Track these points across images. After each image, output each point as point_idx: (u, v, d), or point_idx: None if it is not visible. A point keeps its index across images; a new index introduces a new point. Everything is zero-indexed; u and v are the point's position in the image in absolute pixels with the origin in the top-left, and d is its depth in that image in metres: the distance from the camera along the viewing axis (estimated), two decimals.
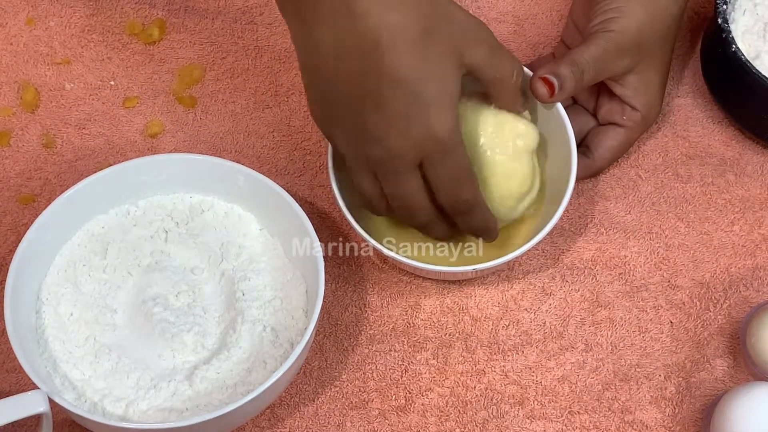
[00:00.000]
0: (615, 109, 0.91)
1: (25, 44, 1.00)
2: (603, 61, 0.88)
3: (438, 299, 0.90)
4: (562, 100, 0.87)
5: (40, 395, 0.78)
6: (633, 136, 0.92)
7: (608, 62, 0.88)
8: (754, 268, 0.91)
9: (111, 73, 0.99)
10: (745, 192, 0.94)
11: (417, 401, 0.86)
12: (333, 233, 0.92)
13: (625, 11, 0.88)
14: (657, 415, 0.86)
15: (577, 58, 0.87)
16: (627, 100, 0.90)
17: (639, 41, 0.88)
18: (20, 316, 0.82)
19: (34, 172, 0.95)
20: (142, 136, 0.96)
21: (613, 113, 0.91)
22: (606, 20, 0.88)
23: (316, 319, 0.81)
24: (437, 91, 0.78)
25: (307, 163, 0.95)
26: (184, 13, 1.01)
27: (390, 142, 0.78)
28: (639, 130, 0.92)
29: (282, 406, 0.86)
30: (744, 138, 0.96)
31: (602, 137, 0.92)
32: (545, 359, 0.88)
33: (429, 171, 0.80)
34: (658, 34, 0.89)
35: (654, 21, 0.88)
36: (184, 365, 0.83)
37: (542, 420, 0.86)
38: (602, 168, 0.92)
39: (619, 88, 0.90)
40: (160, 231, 0.88)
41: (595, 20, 0.88)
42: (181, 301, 0.85)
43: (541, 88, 0.85)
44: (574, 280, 0.90)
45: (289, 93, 0.98)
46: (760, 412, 0.81)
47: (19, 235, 0.86)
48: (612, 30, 0.87)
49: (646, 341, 0.88)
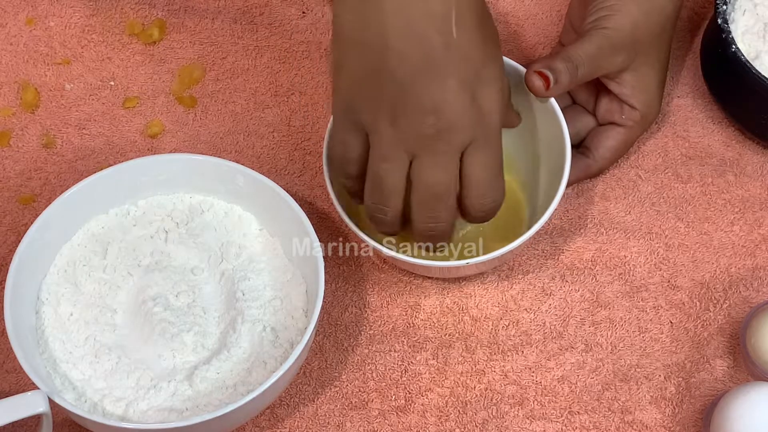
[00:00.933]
0: (614, 108, 0.91)
1: (25, 44, 1.00)
2: (597, 58, 0.88)
3: (438, 299, 0.90)
4: (557, 94, 0.87)
5: (40, 395, 0.78)
6: (633, 135, 0.92)
7: (603, 59, 0.88)
8: (754, 268, 0.91)
9: (111, 74, 0.99)
10: (745, 192, 0.94)
11: (417, 401, 0.86)
12: (333, 233, 0.92)
13: (619, 9, 0.88)
14: (657, 415, 0.86)
15: (572, 54, 0.87)
16: (625, 98, 0.90)
17: (633, 38, 0.88)
18: (20, 316, 0.82)
19: (34, 172, 0.95)
20: (142, 136, 0.96)
21: (612, 113, 0.91)
22: (600, 18, 0.88)
23: (316, 319, 0.81)
24: (495, 75, 0.79)
25: (307, 163, 0.95)
26: (184, 13, 1.01)
27: (450, 114, 0.77)
28: (639, 130, 0.92)
29: (282, 406, 0.86)
30: (744, 138, 0.96)
31: (602, 137, 0.92)
32: (545, 359, 0.88)
33: (472, 157, 0.79)
34: (653, 31, 0.89)
35: (649, 19, 0.88)
36: (184, 365, 0.83)
37: (542, 420, 0.86)
38: (603, 168, 0.92)
39: (616, 86, 0.90)
40: (160, 231, 0.88)
41: (590, 18, 0.89)
42: (181, 301, 0.85)
43: (536, 81, 0.86)
44: (574, 280, 0.91)
45: (289, 93, 0.98)
46: (760, 412, 0.81)
47: (19, 235, 0.86)
48: (606, 27, 0.88)
49: (646, 341, 0.88)
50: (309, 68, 0.99)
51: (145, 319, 0.84)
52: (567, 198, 0.94)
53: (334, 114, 0.81)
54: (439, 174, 0.79)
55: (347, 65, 0.78)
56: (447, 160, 0.79)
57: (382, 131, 0.78)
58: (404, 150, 0.79)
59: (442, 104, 0.77)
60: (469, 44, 0.77)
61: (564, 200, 0.93)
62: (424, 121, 0.77)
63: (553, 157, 0.88)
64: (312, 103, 0.98)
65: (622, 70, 0.89)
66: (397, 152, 0.79)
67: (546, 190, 0.88)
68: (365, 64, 0.77)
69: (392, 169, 0.79)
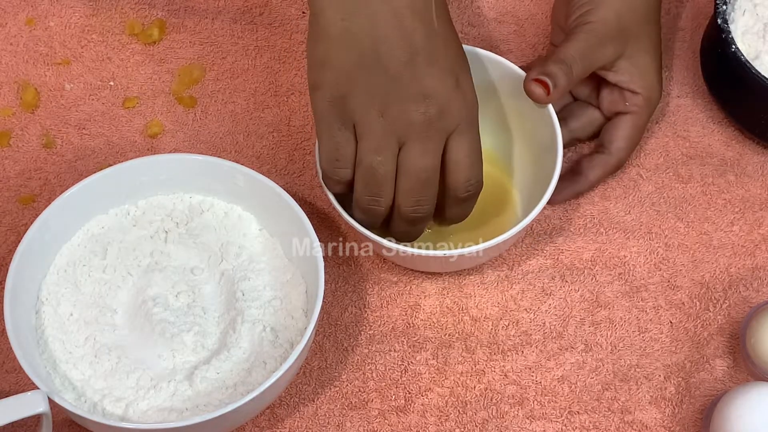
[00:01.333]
0: (616, 97, 0.92)
1: (25, 44, 1.00)
2: (588, 53, 0.89)
3: (438, 299, 0.90)
4: (558, 98, 0.88)
5: (40, 395, 0.78)
6: (641, 120, 0.92)
7: (593, 53, 0.89)
8: (754, 268, 0.91)
9: (111, 74, 0.99)
10: (745, 192, 0.94)
11: (417, 401, 0.86)
12: (333, 233, 0.92)
13: (600, 1, 0.89)
14: (657, 415, 0.86)
15: (563, 55, 0.88)
16: (625, 85, 0.91)
17: (620, 27, 0.89)
18: (20, 316, 0.82)
19: (34, 172, 0.95)
20: (142, 136, 0.96)
21: (615, 102, 0.92)
22: (583, 13, 0.89)
23: (316, 319, 0.81)
24: (466, 61, 0.82)
25: (307, 163, 0.95)
26: (184, 13, 1.01)
27: (439, 100, 0.79)
28: (646, 113, 0.92)
29: (282, 406, 0.86)
30: (744, 138, 0.96)
31: (612, 129, 0.92)
32: (545, 359, 0.88)
33: (457, 142, 0.81)
34: (639, 16, 0.90)
35: (632, 5, 0.89)
36: (184, 365, 0.83)
37: (542, 420, 0.86)
38: (622, 160, 0.93)
39: (614, 76, 0.91)
40: (159, 231, 0.88)
41: (573, 15, 0.90)
42: (180, 301, 0.85)
43: (537, 89, 0.87)
44: (574, 280, 0.91)
45: (288, 93, 0.98)
46: (760, 412, 0.81)
47: (19, 235, 0.86)
48: (591, 21, 0.89)
49: (646, 341, 0.88)
50: None
51: (145, 319, 0.84)
52: None
53: (318, 113, 0.81)
54: (427, 160, 0.81)
55: (334, 60, 0.79)
56: (435, 146, 0.81)
57: (372, 122, 0.80)
58: (395, 139, 0.80)
59: (432, 91, 0.79)
60: (447, 33, 0.80)
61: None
62: (416, 109, 0.79)
63: (548, 157, 0.88)
64: None
65: (616, 59, 0.90)
66: (388, 142, 0.80)
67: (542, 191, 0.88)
68: (353, 56, 0.79)
69: (385, 159, 0.81)
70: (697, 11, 1.02)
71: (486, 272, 0.91)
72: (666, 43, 1.00)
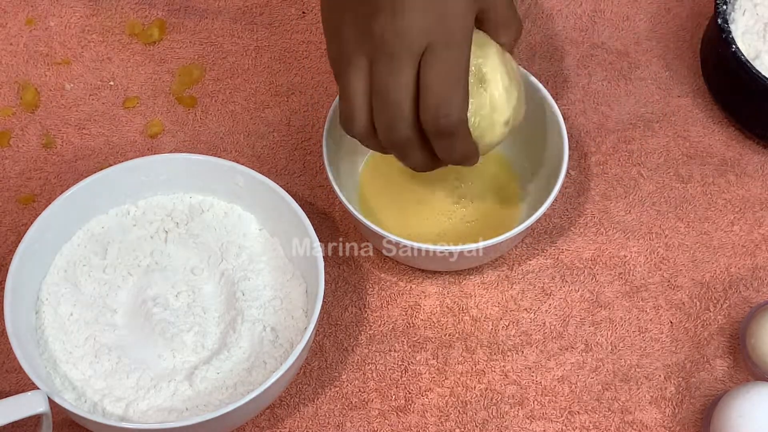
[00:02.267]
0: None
1: (25, 44, 1.00)
2: None
3: (438, 299, 0.90)
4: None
5: (40, 395, 0.78)
6: None
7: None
8: (754, 268, 0.91)
9: (111, 74, 0.99)
10: (746, 192, 0.94)
11: (417, 401, 0.86)
12: (333, 233, 0.92)
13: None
14: (657, 415, 0.86)
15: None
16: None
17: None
18: (20, 316, 0.82)
19: (34, 172, 0.95)
20: (142, 136, 0.96)
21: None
22: None
23: (316, 319, 0.81)
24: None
25: (307, 163, 0.95)
26: (184, 13, 1.01)
27: (403, 20, 0.74)
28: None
29: (282, 406, 0.86)
30: (744, 138, 0.96)
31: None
32: (545, 359, 0.88)
33: (427, 62, 0.75)
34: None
35: None
36: (184, 365, 0.83)
37: (542, 420, 0.86)
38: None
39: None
40: (159, 231, 0.88)
41: None
42: (180, 301, 0.85)
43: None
44: (574, 280, 0.91)
45: (288, 93, 0.98)
46: (760, 412, 0.81)
47: (19, 235, 0.86)
48: None
49: (646, 341, 0.88)
50: (309, 68, 0.99)
51: (145, 319, 0.84)
52: (567, 197, 0.94)
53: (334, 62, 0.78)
54: (393, 79, 0.75)
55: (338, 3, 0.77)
56: (402, 64, 0.75)
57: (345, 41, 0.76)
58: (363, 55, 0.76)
59: (399, 10, 0.74)
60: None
61: (564, 199, 0.93)
62: (381, 27, 0.75)
63: (554, 159, 0.88)
64: (312, 103, 0.98)
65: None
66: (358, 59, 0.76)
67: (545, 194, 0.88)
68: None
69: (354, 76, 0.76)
70: (697, 11, 1.02)
71: (486, 272, 0.91)
72: (666, 43, 1.00)
